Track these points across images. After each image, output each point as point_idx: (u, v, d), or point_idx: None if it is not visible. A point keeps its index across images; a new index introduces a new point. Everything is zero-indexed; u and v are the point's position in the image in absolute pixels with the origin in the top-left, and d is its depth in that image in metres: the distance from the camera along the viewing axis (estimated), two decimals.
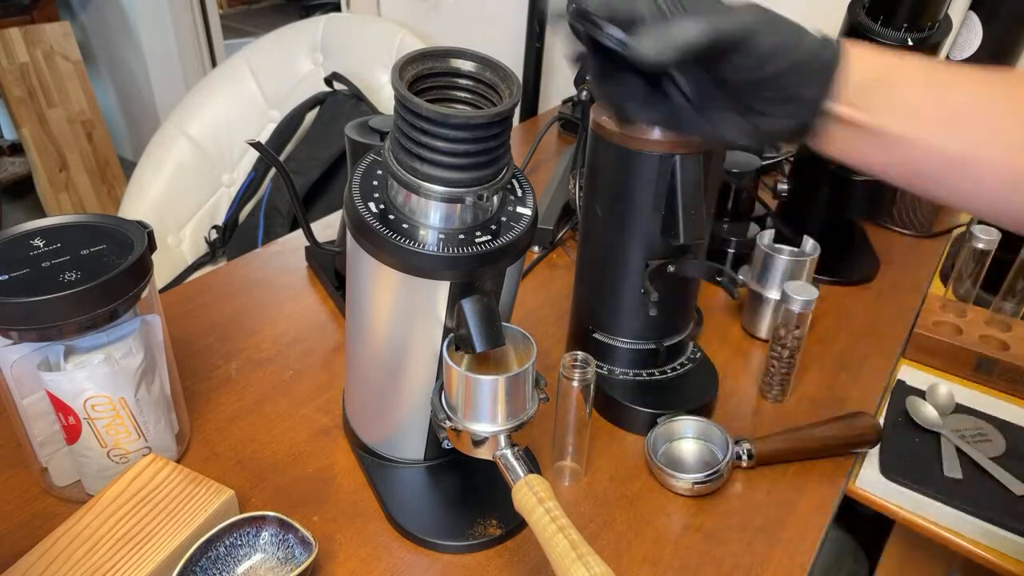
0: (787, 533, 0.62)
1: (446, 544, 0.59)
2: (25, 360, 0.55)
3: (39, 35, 2.56)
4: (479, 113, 0.45)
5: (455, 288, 0.50)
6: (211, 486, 0.57)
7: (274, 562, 0.55)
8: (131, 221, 0.59)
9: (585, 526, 0.61)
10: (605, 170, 0.66)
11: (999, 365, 0.82)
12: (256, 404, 0.73)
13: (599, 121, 0.65)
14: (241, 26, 4.61)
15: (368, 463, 0.64)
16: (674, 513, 0.63)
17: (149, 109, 2.94)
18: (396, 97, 0.45)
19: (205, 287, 0.91)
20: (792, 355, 0.73)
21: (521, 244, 0.51)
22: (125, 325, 0.57)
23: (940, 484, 0.71)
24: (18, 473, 0.64)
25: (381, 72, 1.65)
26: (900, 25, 0.80)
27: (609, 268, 0.70)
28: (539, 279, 0.96)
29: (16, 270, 0.52)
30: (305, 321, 0.85)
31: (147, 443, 0.61)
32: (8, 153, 2.85)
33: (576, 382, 0.59)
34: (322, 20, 1.74)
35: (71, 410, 0.56)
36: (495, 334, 0.50)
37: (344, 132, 0.76)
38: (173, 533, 0.53)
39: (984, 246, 0.84)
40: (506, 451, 0.51)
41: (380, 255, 0.49)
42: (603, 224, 0.68)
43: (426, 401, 0.56)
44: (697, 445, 0.68)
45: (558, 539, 0.45)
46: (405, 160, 0.47)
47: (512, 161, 0.51)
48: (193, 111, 1.70)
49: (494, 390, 0.50)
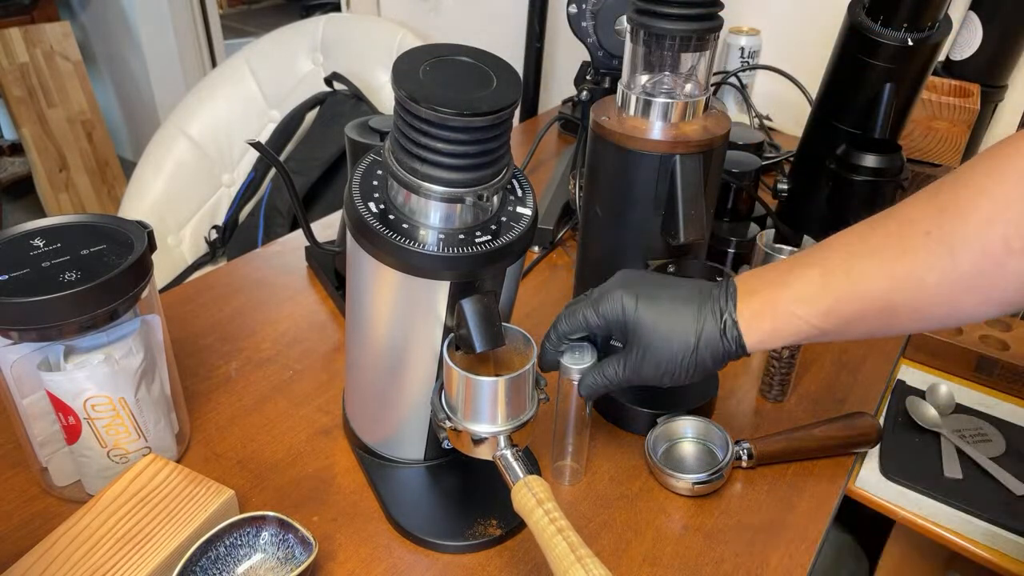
0: (787, 533, 0.62)
1: (446, 544, 0.59)
2: (25, 360, 0.55)
3: (39, 35, 2.56)
4: (479, 114, 0.45)
5: (455, 288, 0.50)
6: (211, 486, 0.57)
7: (274, 562, 0.55)
8: (131, 221, 0.59)
9: (585, 526, 0.61)
10: (605, 170, 0.66)
11: (999, 365, 0.82)
12: (256, 404, 0.73)
13: (599, 121, 0.65)
14: (241, 26, 4.61)
15: (368, 463, 0.64)
16: (674, 513, 0.63)
17: (149, 109, 2.94)
18: (396, 97, 0.46)
19: (205, 287, 0.91)
20: (792, 355, 0.73)
21: (521, 244, 0.51)
22: (125, 325, 0.57)
23: (940, 484, 0.71)
24: (18, 473, 0.64)
25: (381, 72, 1.65)
26: (900, 25, 0.80)
27: (609, 268, 0.70)
28: (539, 279, 0.96)
29: (16, 270, 0.52)
30: (305, 321, 0.85)
31: (147, 443, 0.61)
32: (8, 153, 2.85)
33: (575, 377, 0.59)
34: (322, 20, 1.73)
35: (71, 410, 0.56)
36: (495, 334, 0.50)
37: (344, 132, 0.76)
38: (173, 533, 0.53)
39: None
40: (506, 452, 0.51)
41: (380, 255, 0.49)
42: (603, 224, 0.68)
43: (426, 401, 0.56)
44: (697, 445, 0.68)
45: (557, 541, 0.45)
46: (405, 160, 0.47)
47: (512, 161, 0.51)
48: (193, 111, 1.70)
49: (494, 391, 0.50)
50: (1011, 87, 1.14)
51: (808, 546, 0.61)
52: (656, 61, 0.62)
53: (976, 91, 1.06)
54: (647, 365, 0.52)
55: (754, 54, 1.37)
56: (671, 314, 0.51)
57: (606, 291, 0.54)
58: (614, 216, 0.67)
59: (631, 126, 0.63)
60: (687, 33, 0.59)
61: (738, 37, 1.36)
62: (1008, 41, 1.09)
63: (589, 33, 0.95)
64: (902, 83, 0.84)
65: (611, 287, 0.54)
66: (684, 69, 0.62)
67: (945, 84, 1.07)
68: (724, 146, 0.65)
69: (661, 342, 0.51)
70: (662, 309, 0.52)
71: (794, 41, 1.35)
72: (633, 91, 0.63)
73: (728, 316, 0.50)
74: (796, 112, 1.29)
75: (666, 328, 0.51)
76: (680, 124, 0.62)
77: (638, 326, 0.52)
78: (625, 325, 0.52)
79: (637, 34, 0.62)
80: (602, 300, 0.53)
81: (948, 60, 1.13)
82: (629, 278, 0.55)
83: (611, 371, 0.54)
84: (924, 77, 0.85)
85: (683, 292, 0.52)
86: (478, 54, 0.48)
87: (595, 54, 0.97)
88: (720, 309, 0.50)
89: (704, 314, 0.51)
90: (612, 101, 0.67)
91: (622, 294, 0.53)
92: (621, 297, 0.52)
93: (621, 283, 0.54)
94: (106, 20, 2.87)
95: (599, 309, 0.53)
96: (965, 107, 1.03)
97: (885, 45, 0.81)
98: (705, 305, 0.51)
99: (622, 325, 0.53)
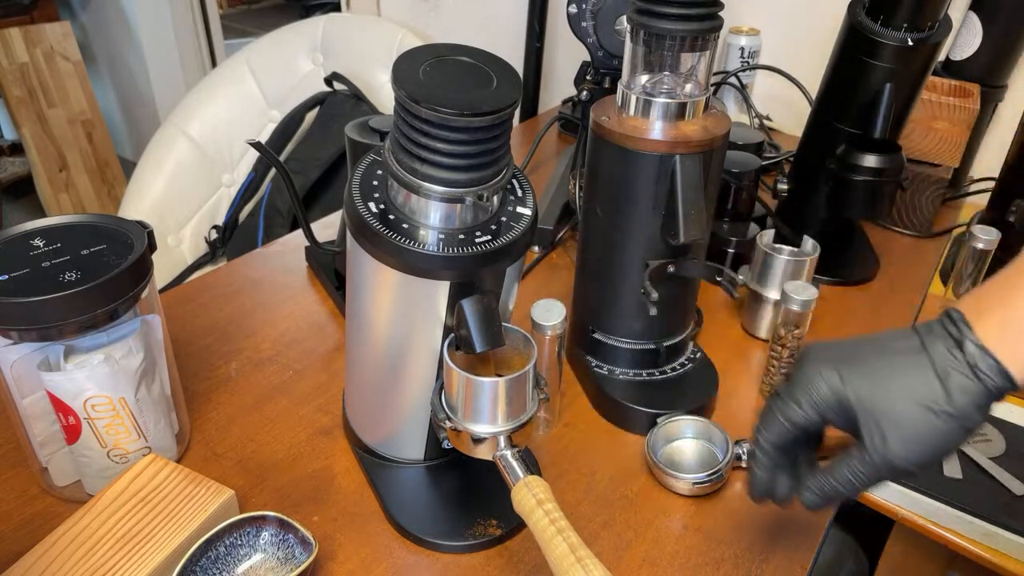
0: (787, 533, 0.61)
1: (446, 544, 0.59)
2: (25, 360, 0.55)
3: (39, 35, 2.56)
4: (479, 114, 0.45)
5: (455, 288, 0.50)
6: (211, 486, 0.57)
7: (274, 562, 0.55)
8: (131, 221, 0.59)
9: (585, 526, 0.61)
10: (605, 170, 0.66)
11: None
12: (256, 404, 0.73)
13: (599, 121, 0.65)
14: (241, 26, 4.60)
15: (368, 463, 0.64)
16: (674, 513, 0.63)
17: (149, 109, 2.94)
18: (396, 97, 0.46)
19: (205, 287, 0.91)
20: (792, 355, 0.73)
21: (521, 244, 0.51)
22: (125, 325, 0.57)
23: (940, 484, 0.70)
24: (18, 473, 0.64)
25: (381, 72, 1.64)
26: (900, 25, 0.80)
27: (609, 268, 0.70)
28: (539, 279, 0.96)
29: (16, 270, 0.52)
30: (305, 321, 0.85)
31: (147, 443, 0.61)
32: (8, 153, 2.85)
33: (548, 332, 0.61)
34: (322, 20, 1.73)
35: (71, 410, 0.56)
36: (495, 334, 0.50)
37: (344, 132, 0.76)
38: (173, 533, 0.53)
39: (984, 246, 0.84)
40: (506, 452, 0.51)
41: (380, 255, 0.49)
42: (603, 224, 0.68)
43: (426, 401, 0.56)
44: (697, 445, 0.68)
45: (557, 542, 0.45)
46: (405, 160, 0.47)
47: (512, 161, 0.51)
48: (193, 111, 1.70)
49: (494, 392, 0.50)
50: (1011, 87, 1.14)
51: (808, 546, 0.61)
52: (656, 61, 0.62)
53: (976, 91, 1.06)
54: (894, 444, 0.41)
55: (754, 54, 1.37)
56: (892, 369, 0.42)
57: (800, 377, 0.45)
58: (614, 216, 0.67)
59: (631, 126, 0.63)
60: (687, 33, 0.59)
61: (738, 37, 1.36)
62: (1008, 41, 1.09)
63: (589, 33, 0.95)
64: (902, 83, 0.84)
65: (803, 371, 0.45)
66: (684, 69, 0.62)
67: (945, 84, 1.07)
68: (724, 146, 0.65)
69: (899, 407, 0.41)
70: (877, 367, 0.42)
71: (794, 41, 1.35)
72: (633, 91, 0.64)
73: (970, 344, 0.40)
74: (796, 112, 1.29)
75: (897, 388, 0.41)
76: (680, 124, 0.62)
77: (859, 400, 0.42)
78: (840, 405, 0.43)
79: (637, 34, 0.62)
80: (799, 388, 0.45)
81: (948, 60, 1.13)
82: (818, 352, 0.46)
83: (848, 473, 0.44)
84: (924, 77, 0.85)
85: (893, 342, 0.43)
86: (478, 54, 0.48)
87: (595, 54, 0.97)
88: (954, 340, 0.40)
89: (935, 353, 0.41)
90: (612, 101, 0.67)
91: (819, 371, 0.44)
92: (820, 376, 0.44)
93: (812, 360, 0.45)
94: (106, 20, 2.87)
95: (801, 401, 0.44)
96: (965, 107, 1.03)
97: (885, 45, 0.81)
98: (932, 344, 0.41)
99: (837, 407, 0.43)
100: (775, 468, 0.47)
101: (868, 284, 0.97)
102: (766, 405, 0.47)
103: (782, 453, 0.47)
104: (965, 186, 1.21)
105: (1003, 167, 0.96)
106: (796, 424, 0.45)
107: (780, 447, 0.46)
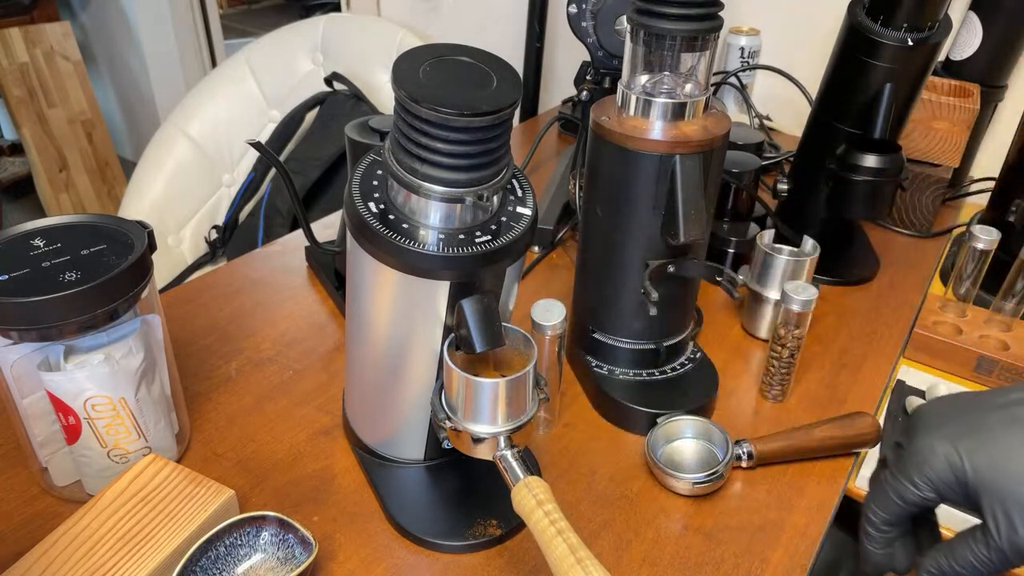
0: (787, 533, 0.62)
1: (446, 544, 0.59)
2: (25, 360, 0.55)
3: (39, 35, 2.56)
4: (479, 114, 0.45)
5: (455, 288, 0.50)
6: (211, 486, 0.57)
7: (274, 562, 0.55)
8: (131, 221, 0.59)
9: (585, 526, 0.61)
10: (605, 170, 0.66)
11: (999, 365, 0.82)
12: (256, 404, 0.73)
13: (599, 121, 0.65)
14: (241, 26, 4.60)
15: (368, 463, 0.64)
16: (674, 513, 0.63)
17: (149, 109, 2.94)
18: (396, 97, 0.46)
19: (205, 287, 0.91)
20: (792, 355, 0.73)
21: (521, 244, 0.51)
22: (125, 325, 0.57)
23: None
24: (18, 473, 0.64)
25: (381, 72, 1.64)
26: (900, 25, 0.80)
27: (609, 268, 0.70)
28: (539, 279, 0.96)
29: (16, 270, 0.52)
30: (305, 321, 0.85)
31: (147, 443, 0.61)
32: (8, 153, 2.85)
33: (548, 332, 0.61)
34: (322, 20, 1.73)
35: (71, 410, 0.56)
36: (495, 334, 0.50)
37: (344, 132, 0.76)
38: (173, 533, 0.53)
39: (984, 246, 0.84)
40: (506, 452, 0.51)
41: (380, 255, 0.49)
42: (603, 224, 0.68)
43: (426, 401, 0.56)
44: (697, 445, 0.68)
45: (557, 542, 0.45)
46: (405, 160, 0.47)
47: (512, 161, 0.51)
48: (193, 111, 1.70)
49: (495, 392, 0.50)
50: (1011, 87, 1.14)
51: (808, 546, 0.61)
52: (656, 61, 0.62)
53: (976, 91, 1.06)
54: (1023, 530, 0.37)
55: (754, 54, 1.37)
56: (1021, 442, 0.38)
57: (914, 452, 0.41)
58: (614, 216, 0.67)
59: (631, 126, 0.63)
60: (687, 33, 0.59)
61: (738, 37, 1.36)
62: (1008, 41, 1.09)
63: (589, 33, 0.95)
64: (902, 83, 0.84)
65: (917, 443, 0.41)
66: (684, 69, 0.62)
67: (945, 84, 1.07)
68: (724, 146, 0.65)
69: None
70: (1000, 440, 0.38)
71: (794, 41, 1.35)
72: (633, 91, 0.64)
73: None
74: (796, 112, 1.29)
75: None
76: (680, 124, 0.62)
77: (981, 481, 0.38)
78: (959, 483, 0.39)
79: (637, 34, 0.62)
80: (913, 465, 0.41)
81: (948, 60, 1.13)
82: (931, 419, 0.41)
83: (971, 556, 0.39)
84: (924, 77, 0.85)
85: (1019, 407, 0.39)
86: (478, 54, 0.48)
87: (595, 54, 0.97)
88: None
89: None
90: (612, 101, 0.67)
91: (935, 444, 0.40)
92: (938, 449, 0.40)
93: (925, 430, 0.41)
94: (106, 20, 2.87)
95: (916, 478, 0.40)
96: (965, 107, 1.03)
97: (885, 45, 0.81)
98: None
99: (956, 486, 0.39)
100: (888, 543, 0.44)
101: (868, 284, 0.97)
102: (876, 477, 0.44)
103: (897, 528, 0.44)
104: (965, 186, 1.21)
105: (1003, 167, 0.96)
106: (910, 503, 0.42)
107: (894, 524, 0.43)
